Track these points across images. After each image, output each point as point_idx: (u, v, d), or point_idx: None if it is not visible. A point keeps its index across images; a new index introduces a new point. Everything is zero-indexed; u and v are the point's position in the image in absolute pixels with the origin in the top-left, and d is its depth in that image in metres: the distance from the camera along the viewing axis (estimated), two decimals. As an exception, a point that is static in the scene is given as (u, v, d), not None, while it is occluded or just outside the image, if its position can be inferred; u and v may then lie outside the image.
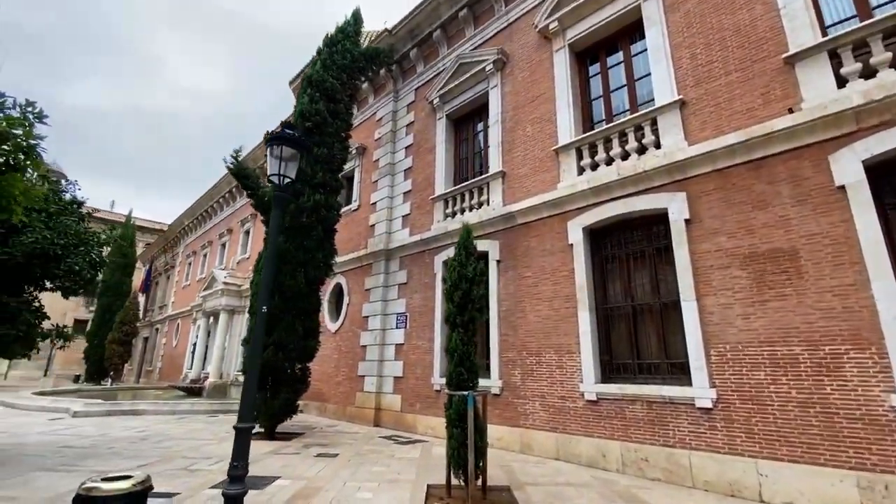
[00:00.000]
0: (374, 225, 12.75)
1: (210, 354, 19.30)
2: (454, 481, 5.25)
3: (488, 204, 9.72)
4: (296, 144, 4.25)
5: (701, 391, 5.95)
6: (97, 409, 11.73)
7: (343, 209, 14.34)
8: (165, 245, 33.32)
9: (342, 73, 10.99)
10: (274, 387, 9.03)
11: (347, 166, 14.70)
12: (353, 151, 14.28)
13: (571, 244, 7.92)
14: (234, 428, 3.66)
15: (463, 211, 10.23)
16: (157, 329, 30.58)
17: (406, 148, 12.62)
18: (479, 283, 5.73)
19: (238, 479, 3.47)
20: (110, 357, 24.81)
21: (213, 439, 8.62)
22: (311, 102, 10.40)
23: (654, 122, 7.32)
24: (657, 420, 6.32)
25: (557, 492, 5.49)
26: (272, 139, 4.12)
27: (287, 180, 4.22)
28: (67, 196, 6.68)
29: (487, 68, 10.35)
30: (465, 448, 5.06)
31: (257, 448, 7.83)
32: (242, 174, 9.59)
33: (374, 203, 12.97)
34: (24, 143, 3.34)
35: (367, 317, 11.95)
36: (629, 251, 7.52)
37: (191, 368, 21.10)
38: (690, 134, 6.89)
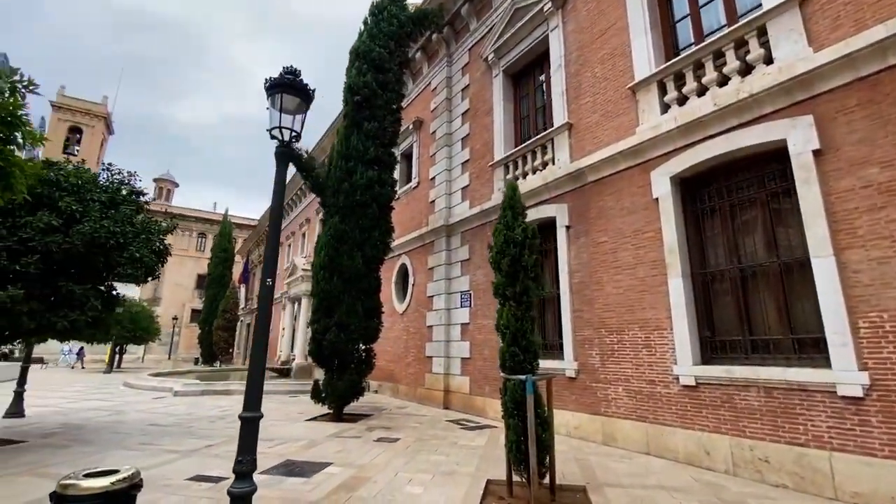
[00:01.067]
0: (433, 201, 12.13)
1: (296, 337, 20.41)
2: (516, 478, 4.47)
3: (553, 163, 8.55)
4: (299, 92, 3.65)
5: (845, 375, 4.47)
6: (193, 389, 12.76)
7: (403, 188, 13.97)
8: (258, 239, 36.12)
9: (389, 42, 10.36)
10: (339, 368, 8.90)
11: (405, 143, 14.24)
12: (410, 126, 13.74)
13: (656, 199, 6.56)
14: (240, 418, 3.22)
15: (525, 175, 9.16)
16: (256, 316, 33.41)
17: (462, 115, 11.73)
18: (531, 248, 4.79)
19: (244, 475, 3.03)
20: (217, 342, 27.60)
21: (283, 420, 8.73)
22: (359, 75, 9.94)
23: (762, 32, 5.66)
24: (781, 411, 4.92)
25: (647, 497, 4.45)
26: (271, 86, 3.57)
27: (292, 134, 3.64)
28: (124, 189, 6.92)
29: (546, 8, 9.03)
30: (526, 441, 4.25)
31: (321, 430, 7.72)
32: (295, 156, 9.45)
33: (433, 178, 12.33)
34: (11, 109, 3.09)
35: (432, 296, 11.45)
36: (733, 201, 5.99)
37: (282, 351, 22.58)
38: (816, 37, 5.17)
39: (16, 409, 8.43)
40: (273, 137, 3.57)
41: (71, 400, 11.44)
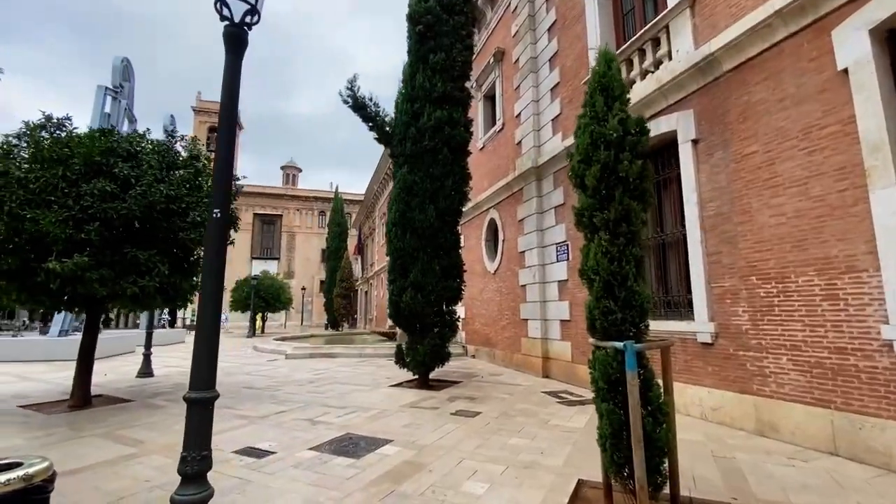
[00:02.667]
0: (520, 141, 10.45)
1: (400, 303, 20.63)
2: (617, 483, 3.08)
3: (671, 57, 6.32)
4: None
5: None
6: (303, 353, 13.38)
7: (488, 133, 12.49)
8: (366, 211, 37.78)
9: (452, -46, 8.77)
10: (420, 332, 8.13)
11: (487, 82, 12.64)
12: (491, 60, 12.05)
13: (845, 69, 4.20)
14: (186, 400, 2.38)
15: (632, 84, 7.02)
16: (371, 283, 35.37)
17: (548, 30, 9.68)
18: (634, 148, 3.13)
19: (191, 478, 2.19)
20: (337, 308, 29.77)
21: (367, 386, 8.32)
22: (419, 0, 8.61)
23: None
24: None
25: (846, 538, 2.70)
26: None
27: (247, 11, 2.56)
28: (184, 152, 6.77)
29: None
30: (627, 438, 2.81)
31: (399, 398, 7.05)
32: (359, 105, 8.63)
33: (518, 114, 10.60)
34: None
35: (524, 252, 10.00)
36: None
37: (390, 316, 23.21)
38: None
39: (146, 370, 9.43)
40: (219, 15, 2.54)
41: (201, 361, 12.82)
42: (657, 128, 6.34)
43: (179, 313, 43.78)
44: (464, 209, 13.99)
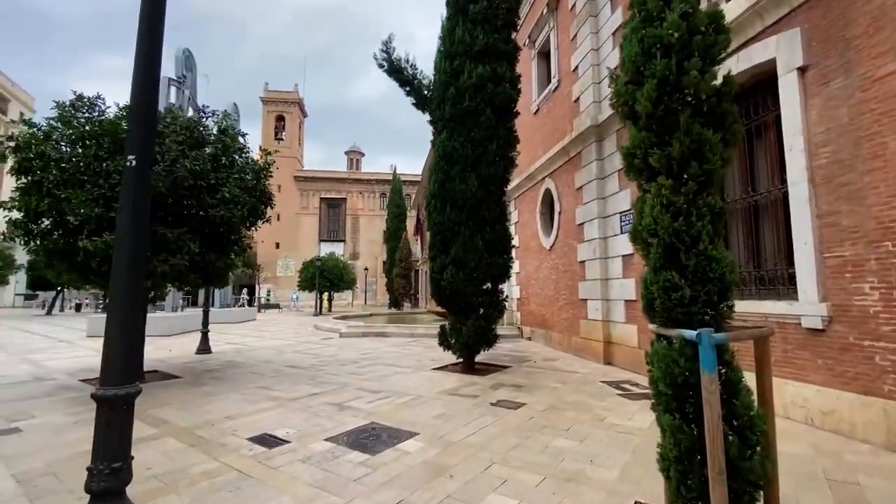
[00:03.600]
0: (578, 98, 9.24)
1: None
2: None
3: (766, -35, 4.92)
4: None
5: None
6: (356, 331, 13.39)
7: (542, 94, 11.33)
8: (425, 192, 37.58)
9: None
10: (463, 312, 7.51)
11: (541, 37, 11.39)
12: (544, 11, 10.79)
13: None
14: (94, 398, 1.92)
15: (717, 4, 5.64)
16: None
17: (609, -37, 8.30)
18: (706, 56, 2.18)
19: (98, 497, 1.72)
20: (396, 288, 30.10)
21: (408, 368, 7.90)
22: (456, -58, 7.69)
23: None
24: None
25: None
26: None
27: None
28: (214, 127, 6.57)
29: None
30: (700, 462, 1.99)
31: (438, 383, 6.52)
32: (395, 68, 8.00)
33: (576, 67, 9.35)
34: None
35: (583, 224, 8.92)
36: None
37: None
38: None
39: (204, 347, 9.78)
40: None
41: (260, 338, 13.27)
42: (748, 59, 5.02)
43: (262, 292, 47.17)
44: (517, 181, 13.11)
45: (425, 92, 8.17)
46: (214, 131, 6.63)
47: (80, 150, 5.51)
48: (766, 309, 4.76)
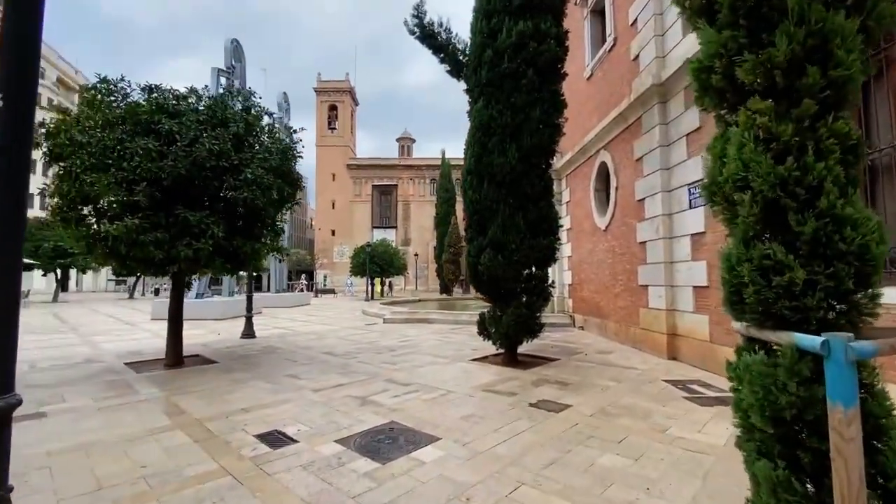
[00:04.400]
0: (637, 55, 8.07)
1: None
2: None
3: None
4: None
5: None
6: (400, 317, 13.13)
7: (595, 57, 10.16)
8: (474, 175, 36.67)
9: None
10: (503, 299, 6.84)
11: (594, -10, 10.16)
12: (597, -39, 9.55)
13: None
14: None
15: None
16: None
17: None
18: None
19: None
20: (446, 274, 29.78)
21: (446, 358, 7.38)
22: None
23: None
24: None
25: None
26: None
27: None
28: (237, 105, 6.30)
29: None
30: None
31: (475, 377, 5.94)
32: (427, 34, 7.33)
33: (635, 20, 8.16)
34: None
35: (643, 199, 7.84)
36: None
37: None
38: None
39: (248, 331, 9.89)
40: None
41: (306, 323, 13.37)
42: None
43: (319, 277, 49.08)
44: (568, 156, 12.04)
45: (460, 57, 7.45)
46: (237, 108, 6.36)
47: (105, 134, 5.42)
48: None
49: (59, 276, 25.17)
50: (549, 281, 7.07)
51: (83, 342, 9.24)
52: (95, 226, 5.56)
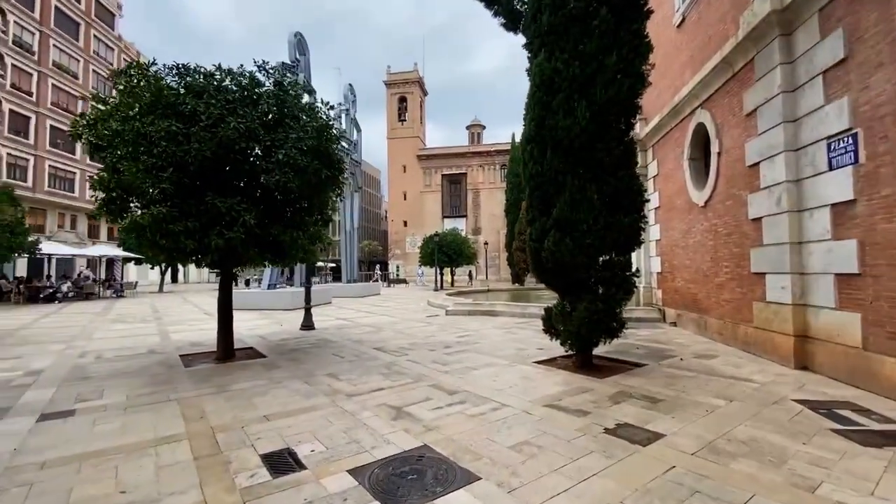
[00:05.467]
0: (748, -20, 6.32)
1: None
2: None
3: None
4: None
5: None
6: (462, 309, 12.32)
7: (689, -6, 8.38)
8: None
9: None
10: (572, 291, 5.71)
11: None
12: None
13: None
14: None
15: None
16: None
17: None
18: None
19: None
20: (517, 262, 28.43)
21: (508, 359, 6.41)
22: None
23: None
24: None
25: None
26: None
27: None
28: (266, 81, 5.78)
29: None
30: None
31: (538, 385, 4.94)
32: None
33: (744, -65, 6.38)
34: None
35: (758, 163, 6.17)
36: None
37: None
38: None
39: (307, 323, 9.69)
40: None
41: (369, 314, 13.04)
42: None
43: (392, 267, 50.20)
44: (654, 122, 10.31)
45: (516, 4, 6.33)
46: (269, 84, 5.86)
47: (142, 120, 5.18)
48: None
49: (163, 269, 27.98)
50: (633, 269, 5.76)
51: (157, 332, 9.65)
52: (130, 217, 5.39)
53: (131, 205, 5.60)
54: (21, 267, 25.72)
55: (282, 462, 3.10)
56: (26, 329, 10.38)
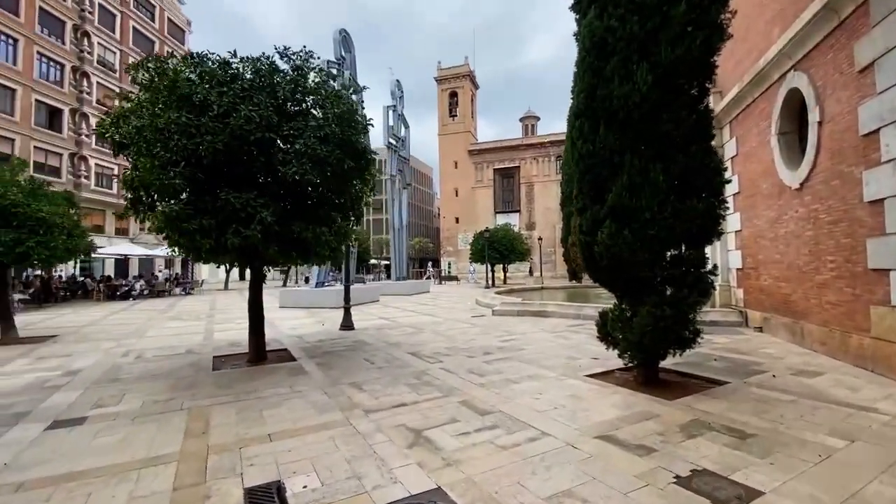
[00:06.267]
0: None
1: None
2: None
3: None
4: None
5: None
6: (510, 309, 11.50)
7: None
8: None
9: None
10: (632, 292, 4.79)
11: None
12: None
13: None
14: None
15: None
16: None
17: None
18: None
19: None
20: (573, 258, 26.87)
21: (557, 370, 5.59)
22: None
23: None
24: None
25: None
26: None
27: None
28: (283, 65, 5.36)
29: None
30: None
31: (589, 407, 4.13)
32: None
33: None
34: None
35: (877, 130, 4.87)
36: None
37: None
38: None
39: (346, 323, 9.39)
40: None
41: (413, 314, 12.55)
42: None
43: (443, 264, 50.03)
44: (732, 93, 8.88)
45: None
46: (286, 69, 5.43)
47: (158, 116, 4.97)
48: None
49: (227, 268, 29.55)
50: (709, 266, 4.73)
51: (203, 331, 9.79)
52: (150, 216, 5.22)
53: (157, 205, 5.43)
54: (109, 267, 28.31)
55: (265, 501, 2.59)
56: (93, 325, 11.02)
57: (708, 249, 5.82)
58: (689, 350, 4.83)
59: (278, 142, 4.98)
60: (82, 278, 22.54)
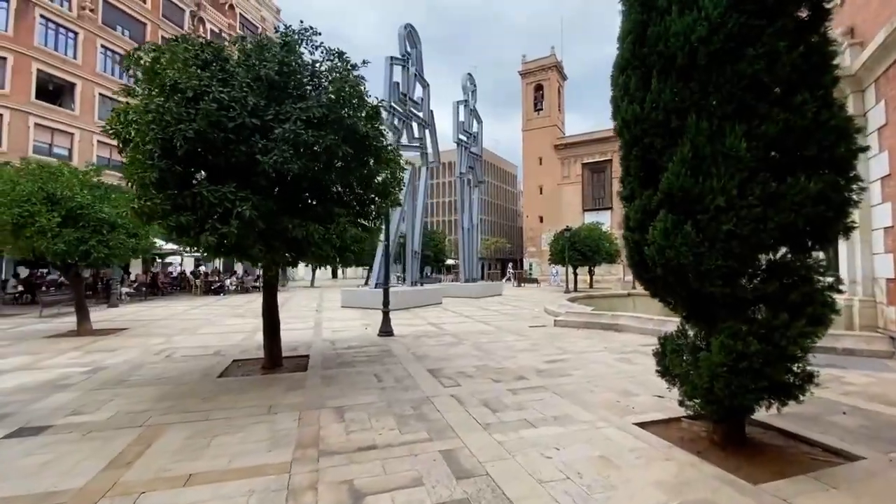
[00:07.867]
0: None
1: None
2: None
3: None
4: None
5: None
6: (575, 319, 9.96)
7: None
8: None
9: None
10: (700, 310, 3.38)
11: None
12: None
13: None
14: None
15: None
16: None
17: None
18: None
19: None
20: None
21: (594, 415, 4.24)
22: None
23: None
24: None
25: None
26: None
27: None
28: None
29: None
30: None
31: (631, 480, 2.88)
32: None
33: None
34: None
35: None
36: None
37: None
38: None
39: (385, 329, 8.74)
40: None
41: (461, 321, 11.40)
42: None
43: (525, 265, 48.12)
44: (871, 47, 6.53)
45: None
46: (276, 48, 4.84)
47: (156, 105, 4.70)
48: None
49: (314, 266, 31.26)
50: (827, 279, 3.11)
51: (251, 330, 9.86)
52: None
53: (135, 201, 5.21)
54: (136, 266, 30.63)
55: None
56: (168, 319, 11.84)
57: (843, 251, 4.12)
58: (797, 400, 3.24)
59: (271, 127, 4.40)
60: (184, 273, 24.73)
